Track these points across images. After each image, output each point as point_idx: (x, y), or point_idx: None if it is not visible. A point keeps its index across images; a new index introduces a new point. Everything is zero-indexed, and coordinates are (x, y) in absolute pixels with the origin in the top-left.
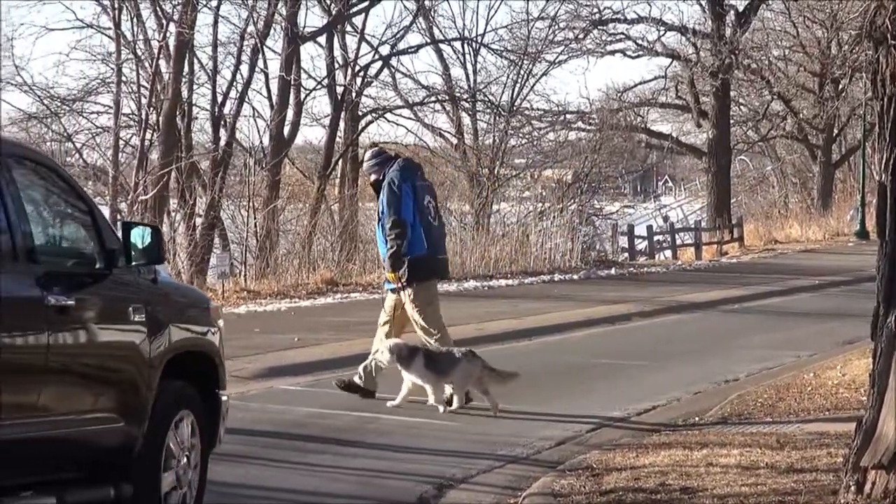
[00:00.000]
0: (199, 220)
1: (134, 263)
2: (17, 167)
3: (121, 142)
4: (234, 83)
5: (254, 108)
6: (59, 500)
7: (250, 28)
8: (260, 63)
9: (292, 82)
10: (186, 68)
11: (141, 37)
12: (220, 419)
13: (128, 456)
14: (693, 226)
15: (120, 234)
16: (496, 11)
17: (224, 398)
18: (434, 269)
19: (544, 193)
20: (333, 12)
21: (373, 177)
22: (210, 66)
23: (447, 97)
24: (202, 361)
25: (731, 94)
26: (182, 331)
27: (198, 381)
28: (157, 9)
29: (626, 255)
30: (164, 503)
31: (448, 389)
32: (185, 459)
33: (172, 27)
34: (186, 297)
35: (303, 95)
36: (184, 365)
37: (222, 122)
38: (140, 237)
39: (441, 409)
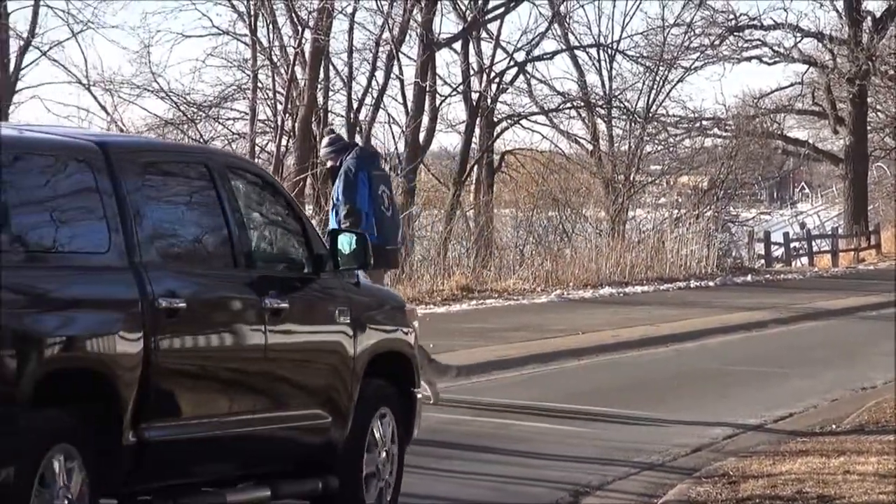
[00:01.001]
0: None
1: (342, 268)
2: (233, 177)
3: (257, 148)
4: (370, 89)
5: (389, 115)
6: (273, 492)
7: (385, 34)
8: (395, 69)
9: (427, 88)
10: (322, 74)
11: (277, 43)
12: (414, 416)
13: (334, 451)
14: (830, 232)
15: (328, 240)
16: (631, 18)
17: (419, 396)
18: (383, 258)
19: (680, 200)
20: (469, 19)
21: (329, 163)
22: (345, 73)
23: (583, 103)
24: (399, 361)
25: (868, 100)
26: (382, 332)
27: (395, 380)
28: (293, 15)
29: (763, 261)
30: (365, 495)
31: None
32: (384, 454)
33: (308, 34)
34: (385, 300)
35: (438, 101)
36: (383, 364)
37: (358, 129)
38: (346, 243)
39: None
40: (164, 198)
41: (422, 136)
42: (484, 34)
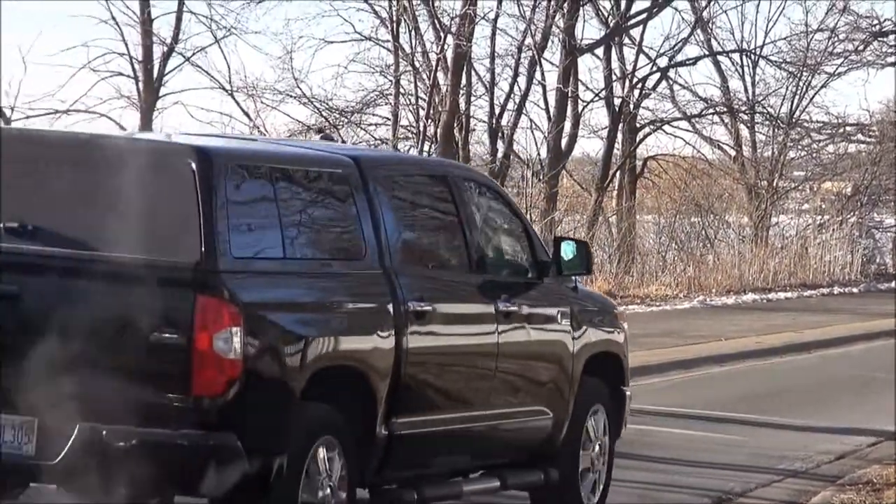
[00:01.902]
0: None
1: (565, 273)
2: (467, 188)
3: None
4: (512, 95)
5: (531, 120)
6: (502, 483)
7: (528, 40)
8: (537, 75)
9: (570, 94)
10: (464, 80)
11: (419, 49)
12: (623, 413)
13: (555, 444)
14: None
15: (552, 247)
16: (775, 23)
17: (627, 393)
18: None
19: (823, 206)
20: (611, 24)
21: None
22: (488, 78)
23: (725, 109)
24: (611, 360)
25: None
26: (597, 333)
27: (607, 378)
28: (435, 21)
29: None
30: (581, 486)
31: None
32: (597, 448)
33: (450, 39)
34: (598, 303)
35: (580, 107)
36: (597, 363)
37: (500, 134)
38: (568, 250)
39: None
40: (408, 207)
41: (564, 141)
42: (626, 39)
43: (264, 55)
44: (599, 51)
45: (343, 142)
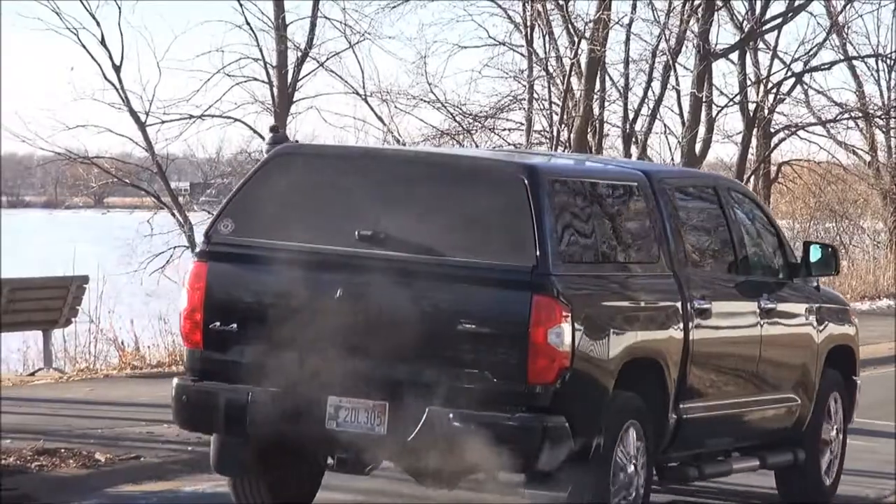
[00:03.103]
0: None
1: (814, 274)
2: (730, 197)
3: None
4: (646, 100)
5: (665, 125)
6: (761, 462)
7: (662, 45)
8: (672, 80)
9: (704, 99)
10: (598, 85)
11: (553, 54)
12: (854, 401)
13: (801, 428)
14: None
15: (801, 250)
16: None
17: (858, 383)
18: None
19: None
20: (746, 29)
21: None
22: (622, 83)
23: (861, 114)
24: (845, 352)
25: None
26: (835, 327)
27: (841, 368)
28: (569, 26)
29: None
30: (821, 466)
31: None
32: (833, 432)
33: (584, 44)
34: (835, 300)
35: (714, 112)
36: (834, 355)
37: (634, 139)
38: (816, 253)
39: None
40: (686, 215)
41: (698, 146)
42: (761, 44)
43: (398, 60)
44: (734, 55)
45: (477, 148)
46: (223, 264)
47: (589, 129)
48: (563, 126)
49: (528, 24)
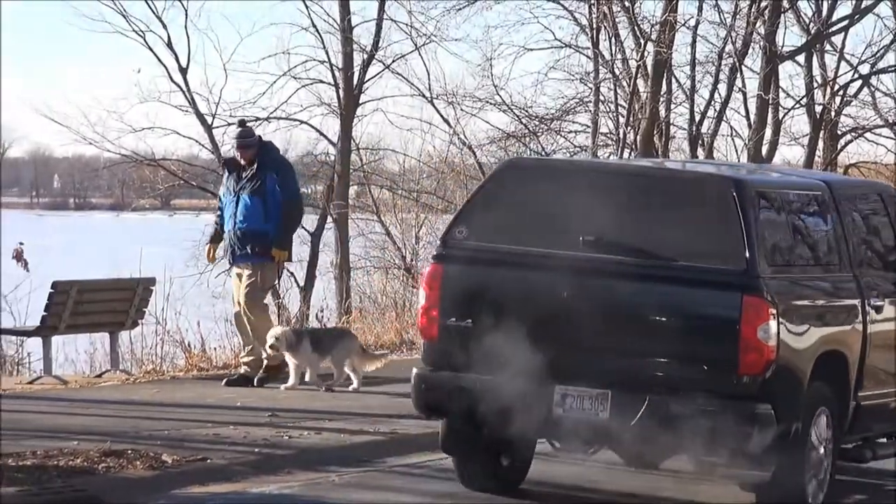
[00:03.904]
0: None
1: None
2: (891, 203)
3: None
4: (712, 102)
5: (731, 127)
6: None
7: (728, 47)
8: (738, 82)
9: (770, 101)
10: (664, 87)
11: (619, 56)
12: None
13: None
14: None
15: None
16: None
17: None
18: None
19: None
20: (812, 31)
21: (249, 151)
22: (688, 85)
23: None
24: None
25: None
26: None
27: None
28: (635, 28)
29: None
30: None
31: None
32: None
33: (650, 47)
34: None
35: (781, 114)
36: None
37: (700, 142)
38: None
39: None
40: (859, 220)
41: (764, 148)
42: (827, 46)
43: (464, 62)
44: (800, 57)
45: (543, 151)
46: (457, 266)
47: (655, 132)
48: (629, 128)
49: (595, 26)
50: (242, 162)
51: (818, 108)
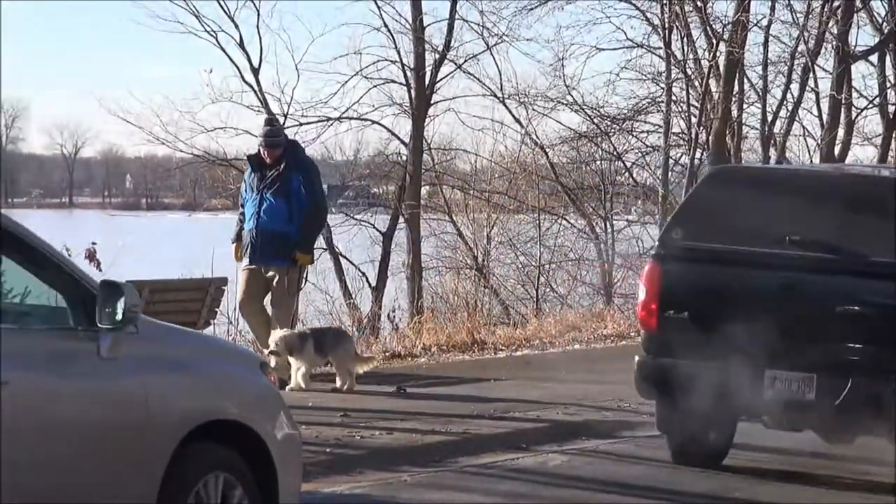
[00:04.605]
0: None
1: None
2: None
3: (670, 161)
4: (785, 102)
5: (804, 127)
6: None
7: (801, 47)
8: (810, 82)
9: (843, 101)
10: (736, 87)
11: (691, 56)
12: None
13: None
14: None
15: None
16: None
17: None
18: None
19: None
20: (885, 31)
21: (276, 150)
22: (760, 86)
23: None
24: None
25: None
26: None
27: None
28: (707, 28)
29: None
30: None
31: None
32: None
33: (722, 46)
34: None
35: (853, 114)
36: None
37: (772, 142)
38: None
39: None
40: None
41: (837, 149)
42: None
43: (536, 62)
44: (873, 57)
45: (615, 151)
46: (674, 264)
47: (727, 132)
48: (701, 128)
49: (666, 26)
50: (268, 160)
51: (891, 108)
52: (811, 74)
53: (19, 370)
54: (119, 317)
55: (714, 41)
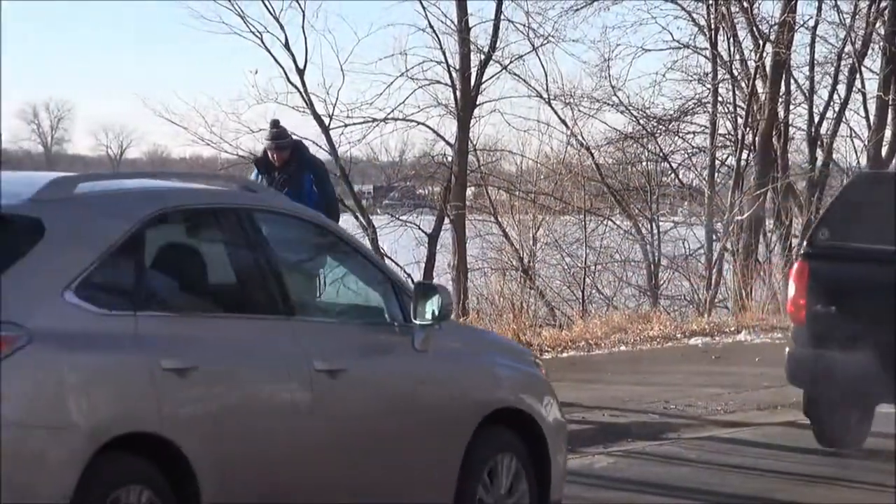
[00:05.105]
0: (794, 241)
1: None
2: None
3: (717, 162)
4: (831, 103)
5: (851, 128)
6: None
7: (847, 48)
8: (857, 83)
9: (890, 102)
10: (783, 88)
11: (737, 57)
12: None
13: None
14: None
15: None
16: None
17: None
18: None
19: None
20: None
21: (284, 153)
22: (806, 86)
23: None
24: None
25: None
26: None
27: None
28: (754, 29)
29: None
30: None
31: None
32: None
33: (769, 47)
34: None
35: None
36: None
37: (819, 143)
38: None
39: None
40: None
41: (884, 150)
42: None
43: (581, 63)
44: None
45: (661, 152)
46: (822, 262)
47: (774, 133)
48: (747, 129)
49: (713, 26)
50: (277, 163)
51: None
52: (858, 75)
53: (356, 358)
54: (435, 314)
55: (760, 42)
